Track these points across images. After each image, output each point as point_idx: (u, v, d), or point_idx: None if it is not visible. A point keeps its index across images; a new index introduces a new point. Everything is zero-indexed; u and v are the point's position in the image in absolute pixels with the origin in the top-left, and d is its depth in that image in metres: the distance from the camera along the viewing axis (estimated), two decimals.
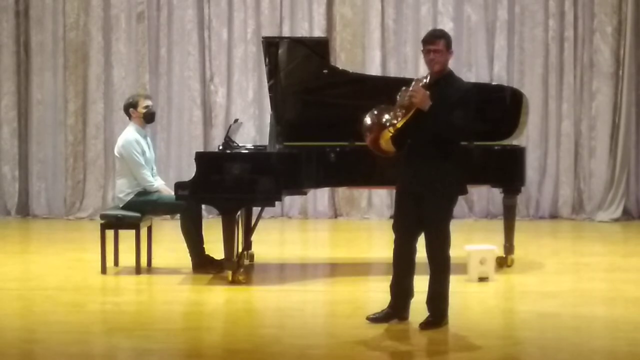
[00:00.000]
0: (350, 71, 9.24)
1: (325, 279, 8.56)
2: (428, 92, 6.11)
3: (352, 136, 7.51)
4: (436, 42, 6.27)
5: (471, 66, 11.84)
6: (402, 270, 6.44)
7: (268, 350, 5.98)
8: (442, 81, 6.26)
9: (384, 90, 6.69)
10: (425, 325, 6.30)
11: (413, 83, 6.24)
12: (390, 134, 6.13)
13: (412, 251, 6.41)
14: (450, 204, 6.33)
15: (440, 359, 5.97)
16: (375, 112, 6.17)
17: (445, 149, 6.21)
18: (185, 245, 8.29)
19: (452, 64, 12.26)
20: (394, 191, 6.54)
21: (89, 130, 12.13)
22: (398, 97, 6.21)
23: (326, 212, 12.11)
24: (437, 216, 6.27)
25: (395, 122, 6.12)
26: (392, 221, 6.51)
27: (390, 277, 6.49)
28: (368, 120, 6.17)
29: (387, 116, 6.14)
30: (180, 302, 7.41)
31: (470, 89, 6.34)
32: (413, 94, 6.11)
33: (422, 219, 6.27)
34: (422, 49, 6.35)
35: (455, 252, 8.39)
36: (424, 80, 6.22)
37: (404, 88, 6.23)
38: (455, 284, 7.66)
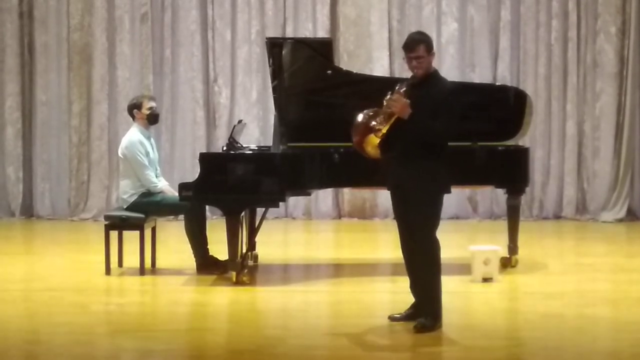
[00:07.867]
0: (354, 72, 9.22)
1: (330, 279, 8.56)
2: (408, 101, 6.08)
3: None
4: (417, 49, 6.21)
5: (474, 67, 11.83)
6: (413, 269, 6.40)
7: (272, 351, 5.98)
8: (427, 82, 6.24)
9: (387, 91, 6.67)
10: (419, 328, 6.23)
11: (396, 87, 6.22)
12: (378, 140, 6.14)
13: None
14: (435, 203, 6.25)
15: (444, 359, 5.98)
16: (367, 115, 6.17)
17: (430, 149, 6.19)
18: (189, 246, 8.29)
19: (455, 65, 12.31)
20: None
21: (93, 131, 12.13)
22: (385, 101, 6.20)
23: (330, 213, 12.11)
24: (421, 215, 6.22)
25: (380, 127, 6.12)
26: (396, 222, 6.50)
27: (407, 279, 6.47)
28: (358, 120, 6.18)
29: (374, 121, 6.14)
30: (184, 303, 7.41)
31: (453, 90, 6.29)
32: (392, 103, 6.10)
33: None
34: (403, 56, 6.32)
35: (459, 252, 8.43)
36: (404, 88, 6.18)
37: (390, 93, 6.22)
38: (459, 285, 7.70)
